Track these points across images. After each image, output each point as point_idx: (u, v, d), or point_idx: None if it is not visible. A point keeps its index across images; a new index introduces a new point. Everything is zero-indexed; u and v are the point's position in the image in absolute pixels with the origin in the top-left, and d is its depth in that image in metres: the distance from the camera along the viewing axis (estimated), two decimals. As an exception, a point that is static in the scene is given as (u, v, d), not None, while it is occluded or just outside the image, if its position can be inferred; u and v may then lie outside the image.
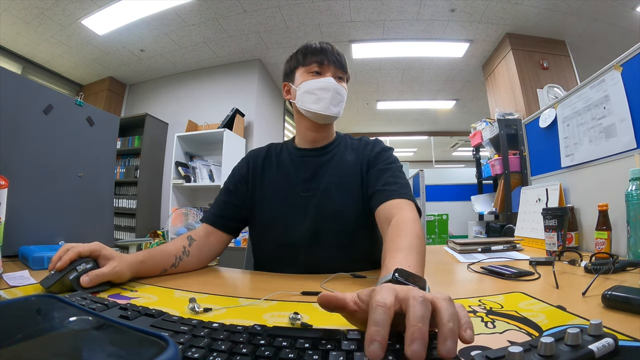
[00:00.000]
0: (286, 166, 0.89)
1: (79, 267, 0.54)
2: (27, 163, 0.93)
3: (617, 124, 0.98)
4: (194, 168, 3.31)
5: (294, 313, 0.40)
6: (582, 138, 1.13)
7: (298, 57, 0.87)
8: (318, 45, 0.85)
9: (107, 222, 1.19)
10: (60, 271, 0.54)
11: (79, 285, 0.53)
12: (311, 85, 0.83)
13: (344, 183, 0.84)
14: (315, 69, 0.84)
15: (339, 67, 0.85)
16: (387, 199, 0.74)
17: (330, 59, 0.84)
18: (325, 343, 0.30)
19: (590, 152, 1.09)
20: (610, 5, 2.70)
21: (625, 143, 0.95)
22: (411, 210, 0.70)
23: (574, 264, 0.77)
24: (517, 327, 0.39)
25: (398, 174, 0.81)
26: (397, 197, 0.74)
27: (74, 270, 0.54)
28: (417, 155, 8.04)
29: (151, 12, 2.95)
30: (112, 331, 0.27)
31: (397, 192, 0.75)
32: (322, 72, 0.84)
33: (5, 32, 3.03)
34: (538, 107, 2.77)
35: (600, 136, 1.05)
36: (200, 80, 4.01)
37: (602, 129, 1.04)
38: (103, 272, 0.55)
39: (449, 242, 1.15)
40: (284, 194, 0.86)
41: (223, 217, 0.87)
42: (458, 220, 3.89)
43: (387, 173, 0.80)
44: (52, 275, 0.54)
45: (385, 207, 0.73)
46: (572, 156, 1.18)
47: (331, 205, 0.83)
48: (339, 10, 2.97)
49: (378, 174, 0.81)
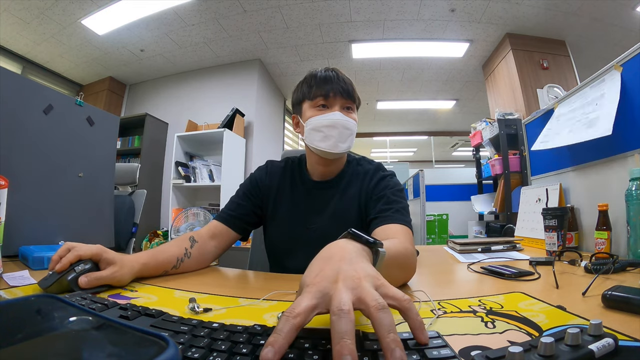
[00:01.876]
0: (299, 195, 0.90)
1: (77, 268, 0.54)
2: (27, 163, 0.93)
3: (601, 117, 0.96)
4: (194, 168, 3.31)
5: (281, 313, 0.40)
6: (563, 130, 1.14)
7: (303, 89, 0.84)
8: (323, 74, 0.82)
9: (107, 222, 1.19)
10: (59, 272, 0.54)
11: (77, 286, 0.53)
12: (317, 122, 0.80)
13: (344, 218, 0.85)
14: (322, 103, 0.81)
15: (346, 97, 0.81)
16: (382, 223, 0.74)
17: (337, 90, 0.80)
18: (325, 343, 0.30)
19: (563, 139, 1.10)
20: (610, 5, 2.70)
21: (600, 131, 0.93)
22: (407, 236, 0.70)
23: (574, 264, 0.77)
24: (517, 327, 0.39)
25: (392, 198, 0.80)
26: (392, 222, 0.74)
27: (72, 271, 0.54)
28: (417, 155, 8.04)
29: (151, 12, 2.95)
30: (112, 331, 0.27)
31: (391, 217, 0.75)
32: (329, 105, 0.81)
33: (5, 32, 3.03)
34: (538, 107, 2.76)
35: (581, 128, 1.04)
36: (200, 80, 4.01)
37: (586, 122, 1.03)
38: (102, 275, 0.55)
39: (449, 242, 1.15)
40: (293, 224, 0.87)
41: (236, 217, 0.88)
42: (458, 220, 3.88)
43: (382, 201, 0.80)
44: (50, 275, 0.54)
45: (380, 230, 0.73)
46: (545, 142, 1.20)
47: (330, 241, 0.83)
48: (339, 10, 2.97)
49: (374, 204, 0.81)
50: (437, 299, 0.50)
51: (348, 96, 0.82)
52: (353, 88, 0.83)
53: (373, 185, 0.85)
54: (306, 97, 0.83)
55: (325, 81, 0.81)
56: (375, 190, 0.84)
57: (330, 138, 0.79)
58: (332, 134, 0.79)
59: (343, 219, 0.85)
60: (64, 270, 0.54)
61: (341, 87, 0.81)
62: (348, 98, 0.82)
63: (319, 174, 0.90)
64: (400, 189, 0.85)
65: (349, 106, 0.83)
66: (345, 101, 0.82)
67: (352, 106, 0.84)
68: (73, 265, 0.55)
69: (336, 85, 0.80)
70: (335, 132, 0.79)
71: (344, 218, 0.85)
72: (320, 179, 0.90)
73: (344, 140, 0.80)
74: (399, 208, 0.77)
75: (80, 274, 0.54)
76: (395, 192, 0.82)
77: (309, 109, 0.83)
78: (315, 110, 0.82)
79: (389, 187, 0.83)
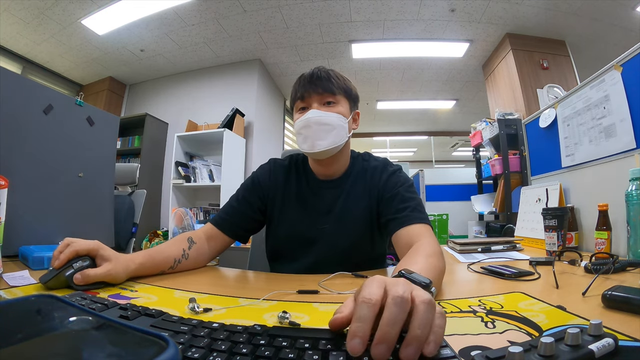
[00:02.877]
0: (307, 195, 0.88)
1: (75, 265, 0.55)
2: (27, 163, 0.92)
3: (617, 124, 0.98)
4: (194, 168, 3.31)
5: (283, 312, 0.40)
6: (582, 138, 1.13)
7: (292, 95, 0.84)
8: (307, 76, 0.81)
9: (107, 222, 1.19)
10: (57, 268, 0.55)
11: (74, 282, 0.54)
12: (296, 125, 0.81)
13: (350, 219, 0.84)
14: (301, 106, 0.82)
15: (321, 92, 0.79)
16: (404, 225, 0.73)
17: (313, 89, 0.79)
18: (325, 343, 0.30)
19: (590, 152, 1.09)
20: (610, 5, 2.70)
21: (625, 143, 0.95)
22: (431, 236, 0.70)
23: (574, 264, 0.77)
24: (517, 327, 0.39)
25: (407, 195, 0.79)
26: (413, 222, 0.73)
27: (70, 267, 0.55)
28: (417, 155, 8.04)
29: (151, 12, 2.95)
30: (112, 331, 0.27)
31: (411, 217, 0.74)
32: (308, 105, 0.81)
33: (5, 32, 3.03)
34: (538, 107, 2.77)
35: (600, 136, 1.05)
36: (200, 80, 4.01)
37: (602, 129, 1.04)
38: (96, 272, 0.55)
39: (449, 242, 1.15)
40: (302, 225, 0.86)
41: (231, 222, 0.86)
42: (458, 220, 3.88)
43: (396, 199, 0.79)
44: (50, 271, 0.55)
45: (403, 233, 0.73)
46: (572, 156, 1.18)
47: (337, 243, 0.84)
48: (339, 10, 2.97)
49: (388, 203, 0.80)
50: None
51: (325, 90, 0.79)
52: (338, 81, 0.81)
53: (383, 182, 0.84)
54: (294, 102, 0.84)
55: (305, 83, 0.80)
56: (387, 188, 0.83)
57: (308, 138, 0.78)
58: (308, 134, 0.78)
59: (349, 220, 0.84)
60: (63, 266, 0.55)
61: (321, 83, 0.79)
62: (324, 92, 0.79)
63: (321, 174, 0.89)
64: (411, 183, 0.84)
65: (329, 101, 0.80)
66: (321, 97, 0.80)
67: (334, 99, 0.81)
68: (72, 261, 0.56)
69: (312, 85, 0.79)
70: (310, 132, 0.78)
71: (350, 219, 0.84)
72: (325, 179, 0.89)
73: (323, 137, 0.78)
74: (415, 206, 0.77)
75: (77, 271, 0.55)
76: (407, 189, 0.81)
77: (295, 114, 0.84)
78: (297, 113, 0.83)
79: (400, 183, 0.82)
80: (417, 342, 0.26)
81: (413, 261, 0.54)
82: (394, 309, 0.28)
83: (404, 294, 0.28)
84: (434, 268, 0.53)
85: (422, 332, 0.27)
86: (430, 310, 0.28)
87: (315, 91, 0.79)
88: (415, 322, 0.27)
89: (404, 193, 0.80)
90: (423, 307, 0.28)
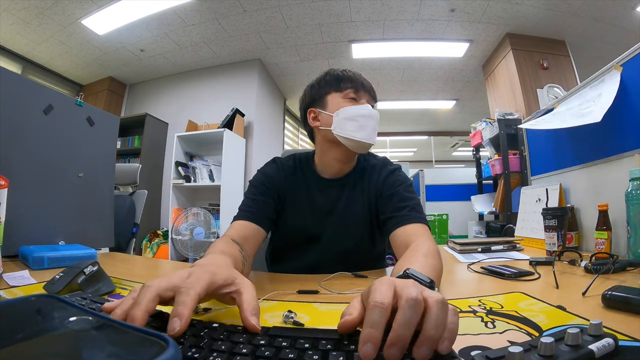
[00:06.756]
0: (313, 194, 0.87)
1: (86, 270, 0.54)
2: (27, 163, 0.92)
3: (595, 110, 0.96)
4: (194, 168, 3.30)
5: (288, 311, 0.40)
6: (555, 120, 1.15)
7: (329, 82, 0.83)
8: (353, 73, 0.84)
9: (107, 222, 1.19)
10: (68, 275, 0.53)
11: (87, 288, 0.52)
12: (353, 111, 0.78)
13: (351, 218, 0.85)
14: (352, 95, 0.81)
15: (373, 98, 0.84)
16: (402, 224, 0.73)
17: (366, 87, 0.83)
18: (325, 343, 0.30)
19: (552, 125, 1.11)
20: (610, 5, 2.70)
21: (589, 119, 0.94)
22: (428, 236, 0.70)
23: (574, 264, 0.77)
24: (517, 327, 0.39)
25: (405, 195, 0.79)
26: (411, 221, 0.73)
27: (82, 274, 0.53)
28: (417, 155, 8.04)
29: (151, 12, 2.95)
30: (112, 331, 0.27)
31: (409, 217, 0.74)
32: (358, 98, 0.81)
33: (5, 32, 3.03)
34: (538, 107, 2.77)
35: (572, 117, 1.04)
36: (200, 80, 4.01)
37: (579, 114, 1.03)
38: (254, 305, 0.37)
39: (449, 242, 1.15)
40: (310, 224, 0.86)
41: (261, 214, 0.79)
42: (458, 220, 3.89)
43: (395, 198, 0.79)
44: (58, 279, 0.53)
45: (400, 232, 0.72)
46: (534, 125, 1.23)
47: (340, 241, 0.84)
48: (339, 10, 2.97)
49: (387, 201, 0.80)
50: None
51: (372, 97, 0.84)
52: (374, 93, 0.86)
53: (382, 181, 0.84)
54: (334, 89, 0.82)
55: (355, 79, 0.83)
56: (386, 187, 0.83)
57: (367, 128, 0.78)
58: (368, 124, 0.79)
59: (350, 219, 0.84)
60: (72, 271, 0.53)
61: (369, 86, 0.84)
62: (372, 98, 0.84)
63: (334, 172, 0.87)
64: (410, 183, 0.84)
65: (372, 105, 0.84)
66: (371, 99, 0.84)
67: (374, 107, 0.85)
68: (81, 266, 0.54)
69: (366, 83, 0.83)
70: (372, 123, 0.79)
71: (352, 217, 0.85)
72: (331, 177, 0.88)
73: (375, 133, 0.81)
74: (413, 205, 0.77)
75: (89, 276, 0.54)
76: (406, 188, 0.81)
77: (338, 101, 0.81)
78: (345, 101, 0.81)
79: (399, 182, 0.82)
80: (430, 342, 0.27)
81: (412, 261, 0.54)
82: (408, 312, 0.27)
83: (418, 296, 0.28)
84: (433, 268, 0.53)
85: (437, 332, 0.27)
86: (444, 310, 0.28)
87: (367, 92, 0.83)
88: (430, 323, 0.27)
89: (402, 192, 0.80)
90: (437, 307, 0.28)
